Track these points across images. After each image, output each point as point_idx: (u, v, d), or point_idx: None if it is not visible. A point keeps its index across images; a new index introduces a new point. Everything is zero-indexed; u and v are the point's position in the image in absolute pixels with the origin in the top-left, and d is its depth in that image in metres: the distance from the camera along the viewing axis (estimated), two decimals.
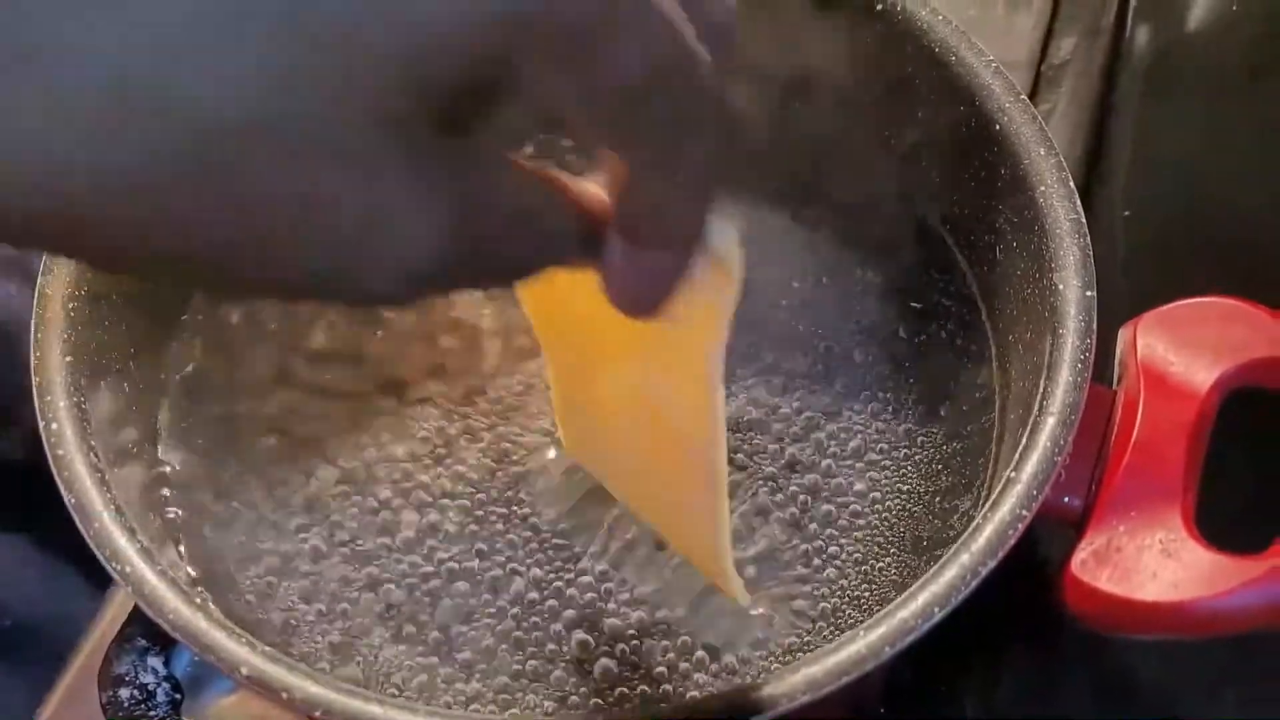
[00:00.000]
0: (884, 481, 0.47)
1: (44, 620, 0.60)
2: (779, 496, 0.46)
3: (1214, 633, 0.37)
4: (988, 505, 0.38)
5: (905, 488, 0.47)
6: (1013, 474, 0.38)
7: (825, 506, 0.46)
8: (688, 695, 0.42)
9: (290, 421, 0.49)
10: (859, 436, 0.48)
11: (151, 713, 0.50)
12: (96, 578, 0.58)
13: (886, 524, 0.46)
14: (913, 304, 0.50)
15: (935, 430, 0.48)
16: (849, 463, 0.47)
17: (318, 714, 0.35)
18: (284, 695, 0.35)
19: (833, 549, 0.45)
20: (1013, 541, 0.37)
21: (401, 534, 0.46)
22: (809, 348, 0.50)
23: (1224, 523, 0.38)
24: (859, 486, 0.47)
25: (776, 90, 0.53)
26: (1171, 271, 0.58)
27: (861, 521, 0.46)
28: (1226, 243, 0.59)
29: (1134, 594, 0.37)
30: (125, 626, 0.51)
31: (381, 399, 0.49)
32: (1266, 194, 0.60)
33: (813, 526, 0.46)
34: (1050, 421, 0.39)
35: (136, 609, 0.51)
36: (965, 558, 0.37)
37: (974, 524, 0.38)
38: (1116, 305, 0.43)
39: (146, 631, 0.50)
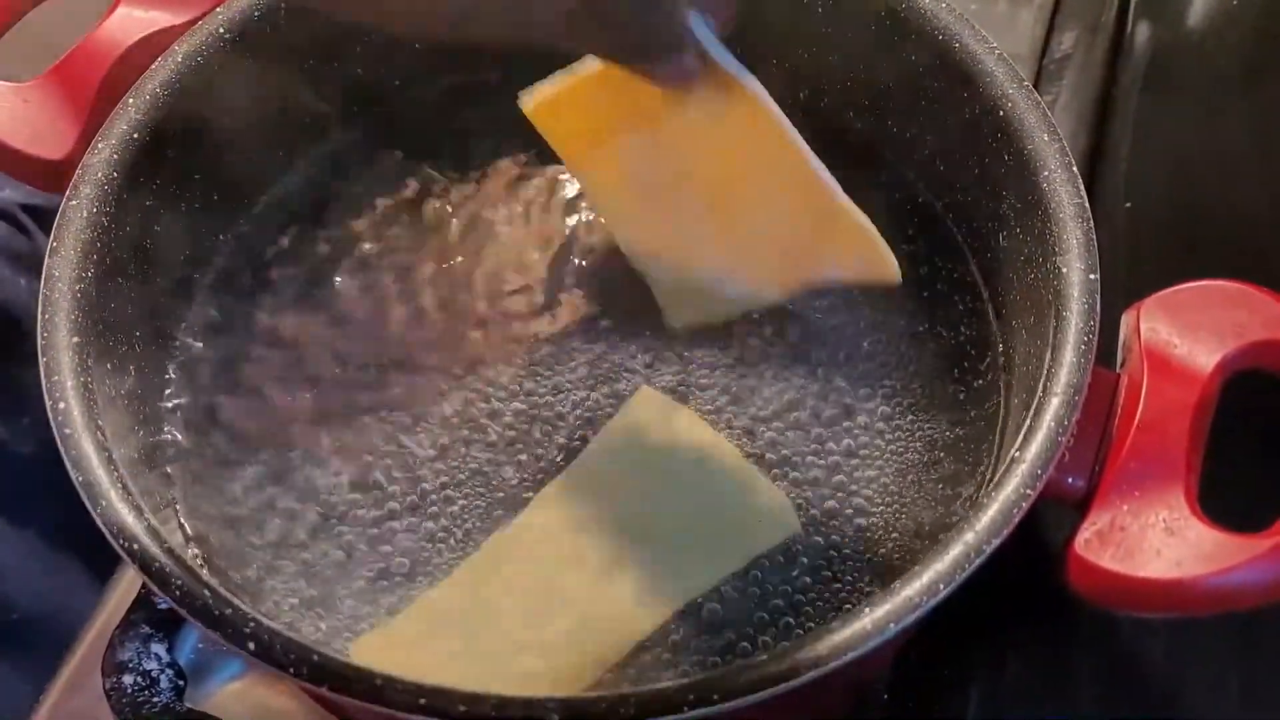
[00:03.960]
0: (888, 468, 0.47)
1: (48, 612, 0.60)
2: (782, 484, 0.47)
3: (1217, 610, 0.37)
4: (992, 485, 0.38)
5: (909, 474, 0.47)
6: (1017, 454, 0.38)
7: (829, 493, 0.46)
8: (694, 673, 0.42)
9: (294, 400, 0.49)
10: (863, 423, 0.48)
11: (155, 699, 0.50)
12: (100, 570, 0.58)
13: (890, 509, 0.46)
14: (916, 291, 0.51)
15: (939, 416, 0.48)
16: (853, 450, 0.47)
17: (324, 688, 0.35)
18: (291, 670, 0.35)
19: (836, 535, 0.46)
20: (1017, 520, 0.37)
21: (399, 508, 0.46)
22: (812, 335, 0.50)
23: (1227, 502, 0.38)
24: (865, 474, 0.47)
25: (781, 78, 0.53)
26: (1171, 262, 0.58)
27: (865, 507, 0.46)
28: (1225, 234, 0.59)
29: (1137, 572, 0.37)
30: (129, 613, 0.51)
31: (387, 377, 0.49)
32: (1264, 187, 0.60)
33: (816, 513, 0.46)
34: (1054, 402, 0.39)
35: (140, 596, 0.51)
36: (970, 536, 0.37)
37: (979, 503, 0.38)
38: (1117, 294, 0.43)
39: (150, 618, 0.51)
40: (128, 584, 0.55)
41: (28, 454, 0.61)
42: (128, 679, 0.50)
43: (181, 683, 0.50)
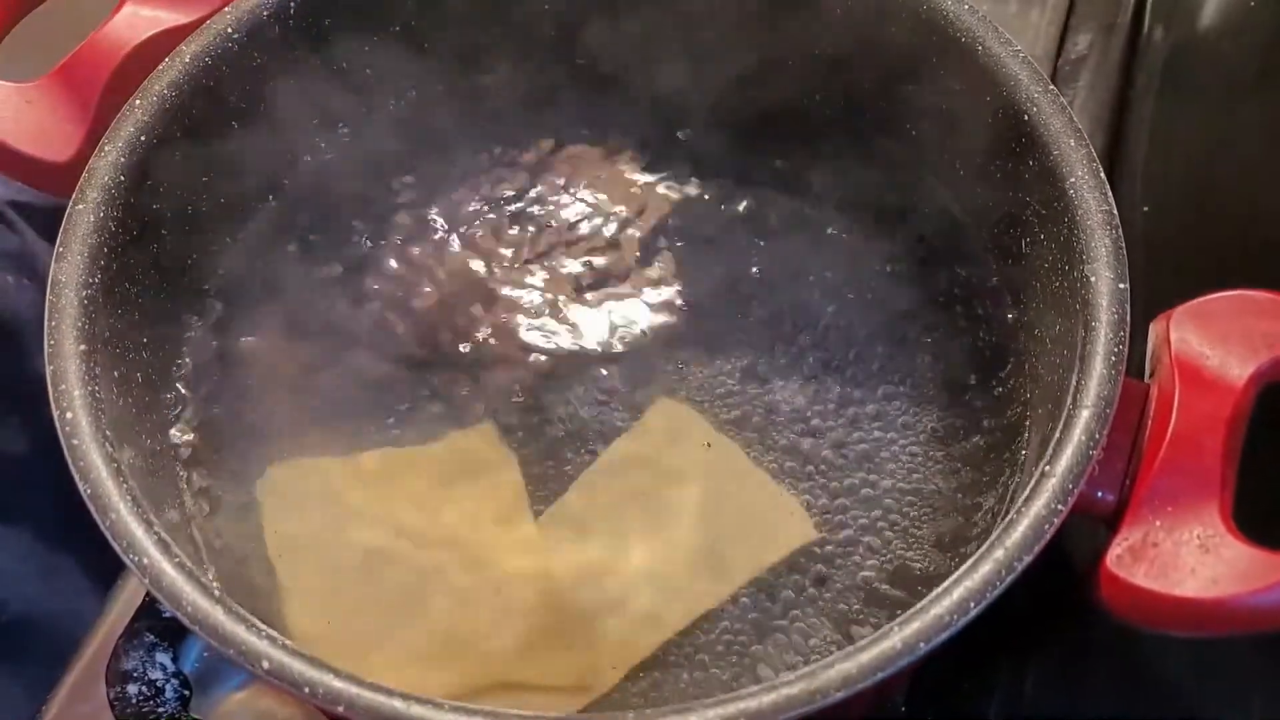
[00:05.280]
0: (907, 478, 0.46)
1: (44, 616, 0.60)
2: (804, 498, 0.46)
3: (1255, 629, 0.36)
4: (1022, 500, 0.37)
5: (929, 484, 0.46)
6: (1047, 468, 0.37)
7: (846, 501, 0.46)
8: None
9: (305, 406, 0.48)
10: (880, 431, 0.47)
11: (160, 709, 0.49)
12: (97, 572, 0.58)
13: (910, 520, 0.45)
14: (937, 298, 0.50)
15: (959, 426, 0.47)
16: (870, 456, 0.47)
17: (339, 709, 0.34)
18: (306, 690, 0.34)
19: (854, 543, 0.45)
20: (1048, 537, 0.36)
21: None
22: (831, 342, 0.49)
23: (1263, 518, 0.38)
24: (883, 483, 0.46)
25: (802, 81, 0.52)
26: (1191, 266, 0.58)
27: (884, 515, 0.46)
28: (1244, 237, 0.58)
29: (1172, 590, 0.36)
30: (133, 621, 0.50)
31: (397, 381, 0.49)
32: None
33: (833, 521, 0.45)
34: (1084, 415, 0.38)
35: (144, 604, 0.50)
36: (1000, 553, 0.36)
37: (1009, 519, 0.37)
38: (1136, 298, 0.42)
39: (155, 626, 0.50)
40: (131, 591, 0.54)
41: (19, 452, 0.61)
42: (132, 688, 0.49)
43: (187, 692, 0.50)
